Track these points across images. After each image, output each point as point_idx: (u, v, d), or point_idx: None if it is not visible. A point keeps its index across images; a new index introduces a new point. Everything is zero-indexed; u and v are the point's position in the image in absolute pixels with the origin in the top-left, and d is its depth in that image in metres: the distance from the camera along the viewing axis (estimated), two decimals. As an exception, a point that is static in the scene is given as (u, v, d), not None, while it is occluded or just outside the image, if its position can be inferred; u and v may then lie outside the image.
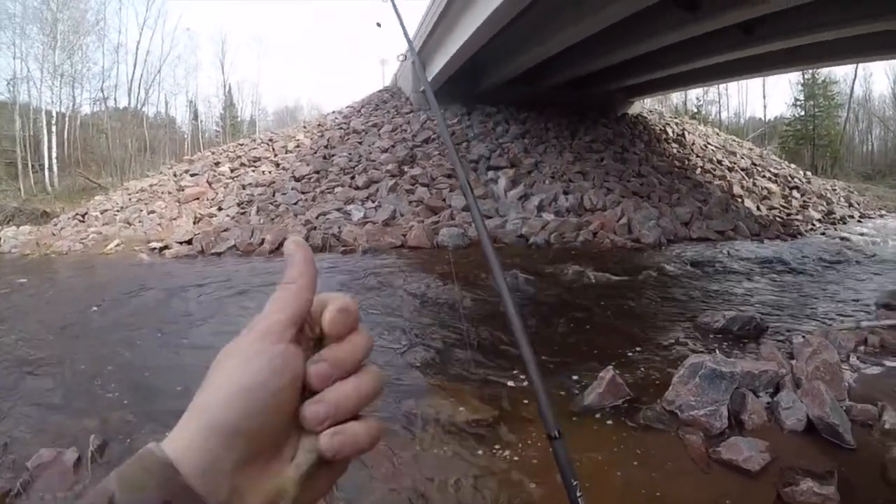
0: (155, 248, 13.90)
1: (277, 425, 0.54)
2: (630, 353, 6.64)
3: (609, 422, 4.88)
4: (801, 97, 50.75)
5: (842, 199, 26.71)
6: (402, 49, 3.97)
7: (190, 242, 14.17)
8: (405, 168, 18.98)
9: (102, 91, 42.22)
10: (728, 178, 23.12)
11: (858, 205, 26.72)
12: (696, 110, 53.02)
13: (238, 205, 17.58)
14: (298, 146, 23.13)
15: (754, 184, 23.75)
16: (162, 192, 19.72)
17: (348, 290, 9.67)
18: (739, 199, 20.45)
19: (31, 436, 4.67)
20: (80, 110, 42.00)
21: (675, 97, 50.17)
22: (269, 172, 20.58)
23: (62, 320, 8.37)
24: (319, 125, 26.54)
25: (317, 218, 15.68)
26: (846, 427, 4.46)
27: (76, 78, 40.03)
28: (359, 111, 27.22)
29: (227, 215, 16.81)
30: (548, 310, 8.75)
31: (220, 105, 56.83)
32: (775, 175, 26.45)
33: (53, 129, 35.98)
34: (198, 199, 18.72)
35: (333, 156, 20.75)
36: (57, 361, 6.40)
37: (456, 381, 5.80)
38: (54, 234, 17.13)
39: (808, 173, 31.00)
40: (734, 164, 26.05)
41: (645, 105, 30.30)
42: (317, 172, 19.39)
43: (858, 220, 22.77)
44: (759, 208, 20.24)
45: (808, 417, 4.61)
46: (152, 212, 17.72)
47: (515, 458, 4.29)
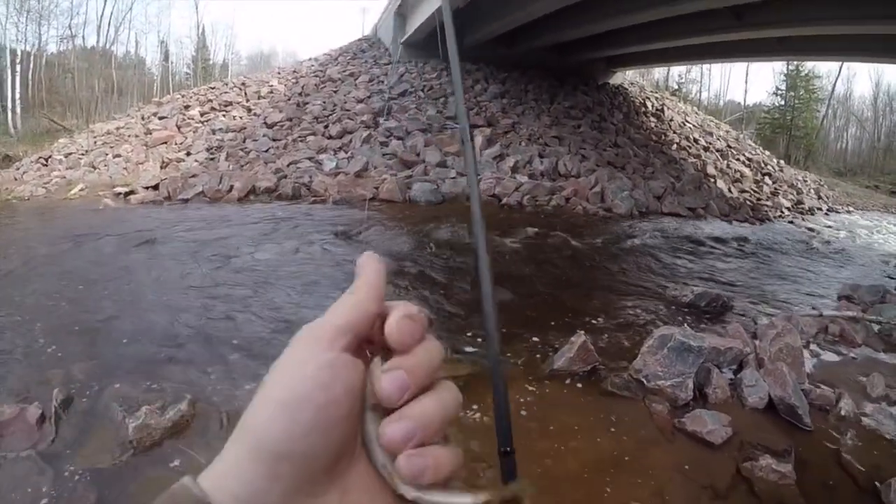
0: (120, 193, 13.51)
1: (332, 447, 0.46)
2: (599, 320, 6.72)
3: (578, 386, 4.94)
4: (783, 87, 51.28)
5: (812, 190, 26.96)
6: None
7: (156, 188, 13.80)
8: (380, 120, 18.73)
9: (70, 28, 40.85)
10: (703, 158, 23.23)
11: (827, 198, 26.97)
12: (676, 87, 52.98)
13: (207, 150, 17.18)
14: (272, 92, 22.69)
15: (728, 166, 23.90)
16: (129, 136, 19.13)
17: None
18: (712, 179, 20.57)
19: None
20: (46, 49, 40.60)
21: (657, 72, 50.09)
22: (241, 118, 20.16)
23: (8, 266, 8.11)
24: (295, 71, 26.08)
25: (287, 166, 15.44)
26: (805, 409, 4.60)
27: (43, 14, 38.54)
28: (336, 59, 26.78)
29: (196, 161, 16.43)
30: (520, 272, 8.76)
31: (193, 47, 55.39)
32: (749, 160, 26.63)
33: (18, 68, 34.68)
34: (166, 143, 18.23)
35: (307, 103, 20.42)
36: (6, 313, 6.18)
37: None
38: (16, 179, 16.34)
39: (782, 162, 31.28)
40: (710, 144, 26.17)
41: (626, 77, 30.17)
42: (289, 120, 19.06)
43: (826, 214, 23.08)
44: (730, 190, 20.40)
45: (770, 396, 4.74)
46: (118, 156, 17.21)
47: (483, 419, 4.26)
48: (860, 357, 6.24)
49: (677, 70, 55.27)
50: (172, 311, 6.11)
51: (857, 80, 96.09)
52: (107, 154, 17.47)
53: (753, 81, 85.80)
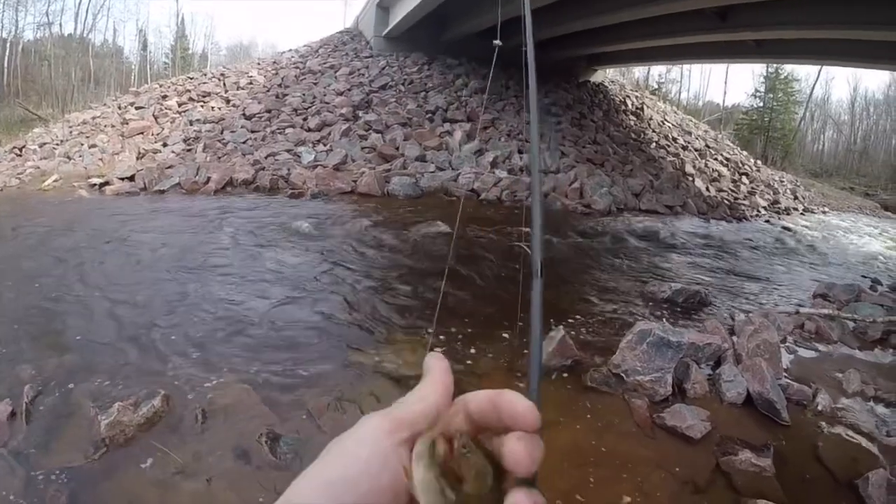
0: (95, 184, 13.28)
1: None
2: (578, 315, 6.73)
3: (557, 380, 4.93)
4: (762, 89, 51.86)
5: (788, 191, 27.22)
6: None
7: (132, 179, 13.56)
8: (360, 113, 18.62)
9: (48, 15, 40.42)
10: (681, 157, 23.37)
11: (804, 199, 27.24)
12: (657, 87, 53.31)
13: (184, 141, 16.95)
14: (251, 83, 22.41)
15: (706, 165, 24.09)
16: (105, 126, 18.82)
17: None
18: (690, 178, 20.71)
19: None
20: (23, 36, 40.08)
21: (638, 71, 50.27)
22: (219, 109, 19.88)
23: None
24: (274, 63, 25.73)
25: (266, 158, 15.29)
26: (783, 404, 4.64)
27: (20, 1, 38.07)
28: (316, 51, 26.51)
29: (173, 151, 16.18)
30: (498, 264, 8.74)
31: (172, 36, 54.82)
32: (727, 159, 26.86)
33: (-7, 55, 33.66)
34: (142, 133, 17.96)
35: (287, 95, 20.22)
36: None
37: (407, 333, 5.75)
38: (-11, 170, 16.20)
39: (759, 162, 31.53)
40: (688, 143, 26.35)
41: (607, 75, 30.26)
42: (268, 111, 18.85)
43: (802, 213, 23.37)
44: (708, 189, 20.57)
45: (748, 392, 4.77)
46: (94, 146, 16.94)
47: None
48: (836, 353, 6.30)
49: (658, 70, 55.75)
50: (143, 308, 6.00)
51: (836, 84, 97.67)
52: (82, 144, 17.19)
53: (733, 83, 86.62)
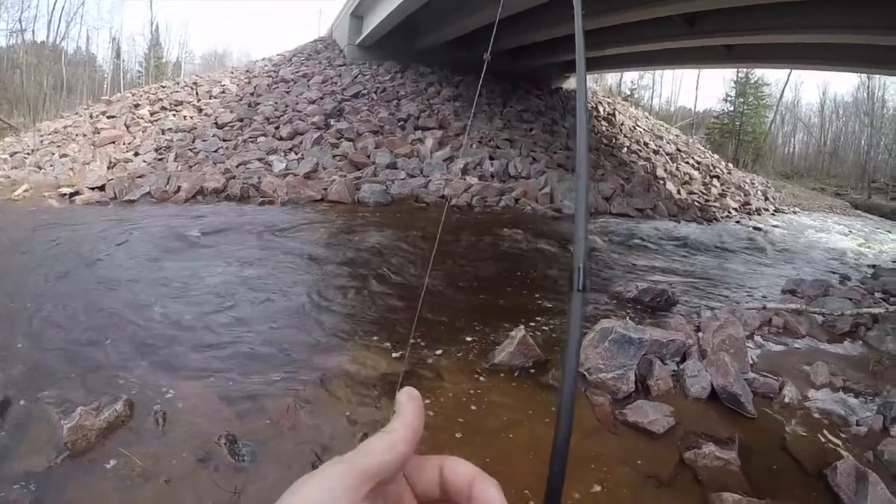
0: (65, 194, 13.14)
1: None
2: (542, 315, 6.70)
3: (519, 379, 4.92)
4: (733, 94, 52.94)
5: (759, 192, 27.62)
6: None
7: (102, 188, 13.37)
8: (332, 121, 18.61)
9: (20, 22, 39.64)
10: (653, 161, 23.67)
11: (774, 200, 27.69)
12: (629, 93, 53.82)
13: (156, 150, 16.79)
14: (224, 92, 22.31)
15: (677, 168, 24.39)
16: (76, 135, 18.58)
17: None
18: (661, 181, 20.94)
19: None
20: (-5, 42, 39.21)
21: (611, 78, 50.70)
22: (191, 117, 19.77)
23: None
24: (247, 71, 25.70)
25: (237, 167, 15.19)
26: (748, 397, 4.66)
27: (-7, 7, 37.32)
28: (290, 60, 26.54)
29: (144, 161, 16.01)
30: (465, 266, 8.74)
31: (146, 44, 54.42)
32: (698, 163, 27.24)
33: (-36, 62, 33.12)
34: (114, 142, 17.76)
35: (259, 104, 20.17)
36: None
37: (371, 335, 5.71)
38: (-42, 180, 15.92)
39: (730, 165, 32.08)
40: (660, 147, 26.68)
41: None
42: (240, 120, 18.79)
43: (772, 214, 23.79)
44: (679, 192, 20.79)
45: (713, 386, 4.79)
46: (65, 155, 16.68)
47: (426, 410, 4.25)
48: (804, 347, 6.34)
49: (630, 76, 56.34)
50: (107, 315, 5.92)
51: (805, 88, 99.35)
52: (53, 153, 16.96)
53: (704, 88, 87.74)
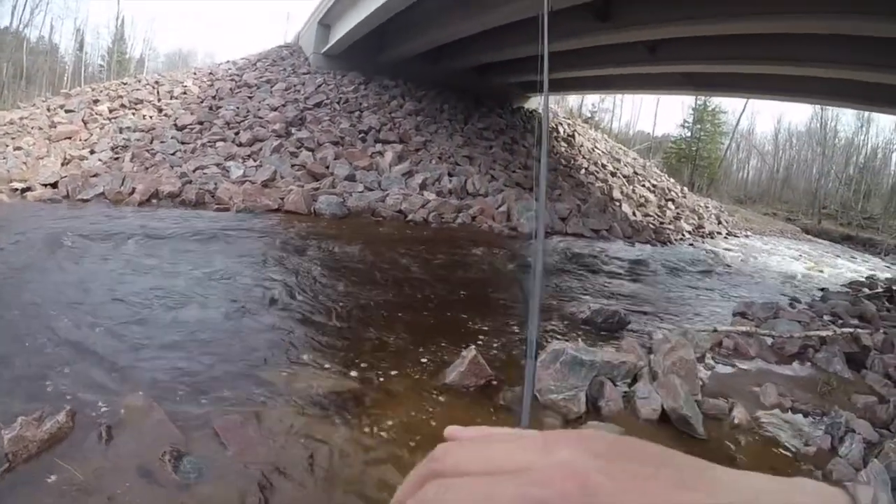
0: (17, 189, 12.86)
1: None
2: (494, 336, 6.68)
3: (468, 400, 4.90)
4: (691, 120, 54.15)
5: (713, 216, 28.13)
6: (311, 7, 3.65)
7: (55, 186, 13.13)
8: (293, 130, 18.44)
9: (-17, 7, 38.84)
10: (610, 182, 23.95)
11: (727, 223, 28.22)
12: (589, 115, 54.59)
13: (112, 149, 16.42)
14: (185, 93, 21.93)
15: (634, 191, 24.72)
16: (32, 128, 18.03)
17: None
18: (618, 203, 21.20)
19: None
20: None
21: (572, 100, 51.38)
22: (151, 117, 19.38)
23: None
24: (211, 73, 25.23)
25: (193, 171, 14.94)
26: (698, 419, 4.72)
27: (-44, -11, 36.51)
28: (254, 65, 26.22)
29: (100, 159, 15.65)
30: (417, 284, 8.70)
31: (110, 38, 53.64)
32: (654, 186, 27.63)
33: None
34: (70, 138, 17.34)
35: (220, 108, 19.89)
36: None
37: (318, 353, 5.62)
38: None
39: (685, 189, 32.58)
40: (617, 170, 27.03)
41: (541, 102, 30.71)
42: (200, 123, 18.50)
43: (725, 237, 24.25)
44: (635, 214, 21.06)
45: (663, 408, 4.83)
46: (19, 148, 16.17)
47: (374, 430, 4.24)
48: (754, 369, 6.44)
49: (591, 99, 57.16)
50: (51, 321, 5.75)
51: (761, 118, 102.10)
52: (7, 146, 16.43)
53: (663, 114, 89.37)
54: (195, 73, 25.89)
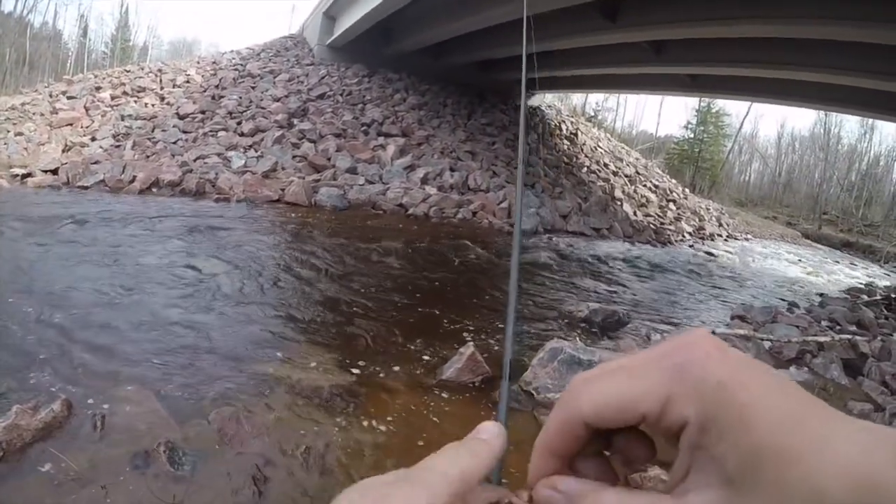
0: (17, 175, 12.83)
1: None
2: (492, 332, 6.65)
3: (467, 396, 4.88)
4: (694, 122, 54.29)
5: (714, 218, 28.14)
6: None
7: (56, 172, 13.10)
8: (295, 121, 18.43)
9: (-12, -9, 38.72)
10: (611, 182, 23.91)
11: (728, 226, 28.24)
12: (593, 114, 54.60)
13: (113, 136, 16.40)
14: (188, 82, 21.90)
15: (635, 191, 24.69)
16: (34, 114, 18.00)
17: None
18: (619, 203, 21.16)
19: None
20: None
21: (576, 98, 51.34)
22: (153, 105, 19.35)
23: None
24: (214, 63, 25.21)
25: (195, 161, 14.92)
26: None
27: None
28: (258, 55, 26.18)
29: (101, 147, 15.63)
30: (414, 282, 8.66)
31: (114, 25, 53.58)
32: (656, 186, 27.61)
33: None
34: (71, 125, 17.32)
35: (223, 97, 19.87)
36: None
37: (314, 346, 5.60)
38: None
39: (687, 190, 32.58)
40: (619, 169, 27.00)
41: (545, 99, 30.71)
42: (202, 112, 18.48)
43: (725, 240, 24.27)
44: (636, 213, 21.04)
45: None
46: (20, 134, 16.19)
47: (370, 424, 4.22)
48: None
49: (595, 98, 57.17)
50: (46, 309, 5.72)
51: (764, 121, 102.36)
52: (9, 131, 16.40)
53: (666, 115, 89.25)
54: (199, 62, 25.87)
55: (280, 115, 18.43)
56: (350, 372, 5.05)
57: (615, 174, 25.72)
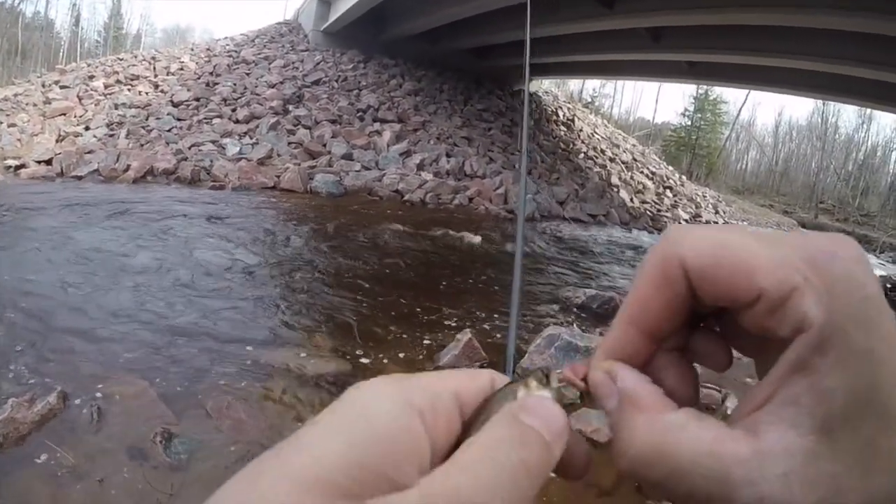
0: (10, 167, 12.73)
1: None
2: (489, 319, 6.62)
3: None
4: (691, 109, 54.22)
5: (710, 205, 28.23)
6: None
7: (49, 163, 13.02)
8: (290, 107, 18.34)
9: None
10: (608, 168, 23.92)
11: (724, 213, 28.34)
12: (590, 100, 54.52)
13: (107, 125, 16.29)
14: (182, 69, 21.76)
15: (632, 177, 24.70)
16: (27, 104, 17.86)
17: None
18: (615, 189, 21.16)
19: None
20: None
21: (573, 84, 51.31)
22: (147, 94, 19.21)
23: None
24: (208, 49, 25.11)
25: (189, 148, 14.84)
26: None
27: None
28: (252, 41, 26.06)
29: (95, 136, 15.50)
30: (413, 266, 8.65)
31: (107, 13, 53.33)
32: (653, 173, 27.62)
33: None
34: (65, 114, 17.17)
35: (217, 84, 19.74)
36: None
37: (311, 332, 5.57)
38: None
39: (684, 177, 32.65)
40: (616, 156, 26.99)
41: (542, 85, 30.66)
42: (197, 100, 18.35)
43: (721, 227, 24.13)
44: (632, 200, 21.07)
45: None
46: (13, 125, 15.99)
47: None
48: (747, 360, 6.39)
49: (592, 84, 57.21)
50: (40, 302, 5.67)
51: (762, 109, 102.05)
52: (1, 122, 16.31)
53: (664, 102, 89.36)
54: (192, 50, 25.75)
55: (275, 101, 18.33)
56: (346, 357, 5.04)
57: (612, 161, 25.72)
